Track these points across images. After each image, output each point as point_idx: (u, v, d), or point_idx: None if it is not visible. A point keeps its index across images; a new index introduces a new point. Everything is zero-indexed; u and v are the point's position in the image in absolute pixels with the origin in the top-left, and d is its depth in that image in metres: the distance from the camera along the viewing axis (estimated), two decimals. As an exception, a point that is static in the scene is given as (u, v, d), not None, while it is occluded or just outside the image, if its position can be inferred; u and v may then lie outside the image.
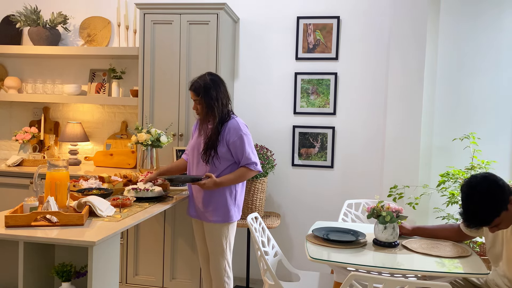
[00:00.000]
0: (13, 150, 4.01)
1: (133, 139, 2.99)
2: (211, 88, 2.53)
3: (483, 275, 1.92)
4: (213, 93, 2.53)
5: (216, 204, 2.58)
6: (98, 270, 1.91)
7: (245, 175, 2.58)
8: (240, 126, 2.57)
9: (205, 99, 2.53)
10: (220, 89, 2.56)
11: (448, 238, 2.31)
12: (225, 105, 2.59)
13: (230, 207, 2.59)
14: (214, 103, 2.53)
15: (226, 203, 2.58)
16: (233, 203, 2.61)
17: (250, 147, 2.58)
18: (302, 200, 3.57)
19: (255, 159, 2.58)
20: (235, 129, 2.55)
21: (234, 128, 2.56)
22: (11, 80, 3.82)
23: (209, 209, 2.59)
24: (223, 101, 2.58)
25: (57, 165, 2.17)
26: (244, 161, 2.55)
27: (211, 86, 2.53)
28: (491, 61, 3.25)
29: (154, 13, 3.24)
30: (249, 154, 2.56)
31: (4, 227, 1.91)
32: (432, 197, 3.18)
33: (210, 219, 2.59)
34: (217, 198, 2.57)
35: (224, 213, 2.58)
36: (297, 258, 3.57)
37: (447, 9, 3.29)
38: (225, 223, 2.60)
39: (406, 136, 3.25)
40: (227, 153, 2.55)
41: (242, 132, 2.55)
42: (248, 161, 2.55)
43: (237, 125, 2.57)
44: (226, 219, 2.59)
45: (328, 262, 2.07)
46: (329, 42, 3.46)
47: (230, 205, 2.59)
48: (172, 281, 3.17)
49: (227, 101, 2.61)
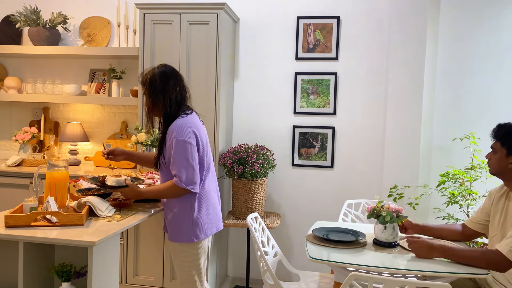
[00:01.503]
0: (13, 150, 4.01)
1: (133, 139, 2.99)
2: (157, 80, 2.22)
3: (483, 275, 1.92)
4: (159, 86, 2.21)
5: (175, 220, 2.26)
6: (98, 270, 1.91)
7: (171, 190, 2.19)
8: (177, 128, 2.18)
9: (149, 92, 2.24)
10: (168, 83, 2.23)
11: (449, 237, 2.31)
12: (173, 101, 2.24)
13: (189, 225, 2.24)
14: (159, 96, 2.22)
15: (184, 220, 2.24)
16: (191, 220, 2.24)
17: (182, 157, 2.15)
18: (302, 200, 3.57)
19: (182, 174, 2.15)
20: (171, 131, 2.19)
21: (171, 129, 2.20)
22: (11, 80, 3.82)
23: (170, 225, 2.29)
24: (171, 96, 2.23)
25: (57, 165, 2.17)
26: (172, 172, 2.19)
27: (157, 78, 2.23)
28: (491, 61, 3.25)
29: (154, 13, 3.24)
30: (177, 165, 2.15)
31: (4, 227, 1.91)
32: (432, 197, 3.18)
33: (170, 237, 2.30)
34: (177, 213, 2.26)
35: (183, 231, 2.25)
36: (297, 258, 3.57)
37: (447, 9, 3.29)
38: (185, 243, 2.27)
39: (406, 136, 3.25)
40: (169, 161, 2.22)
41: (175, 136, 2.16)
42: (174, 172, 2.17)
43: (175, 127, 2.19)
44: (186, 238, 2.25)
45: (328, 262, 2.07)
46: (329, 42, 3.46)
47: (188, 222, 2.24)
48: (172, 281, 3.17)
49: (178, 97, 2.26)
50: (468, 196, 2.92)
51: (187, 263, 2.30)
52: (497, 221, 2.13)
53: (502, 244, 1.93)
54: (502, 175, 2.12)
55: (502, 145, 2.08)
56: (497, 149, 2.10)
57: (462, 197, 2.92)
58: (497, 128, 2.14)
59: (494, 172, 2.13)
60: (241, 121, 3.61)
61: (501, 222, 2.10)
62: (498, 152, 2.09)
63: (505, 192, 2.15)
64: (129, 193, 2.26)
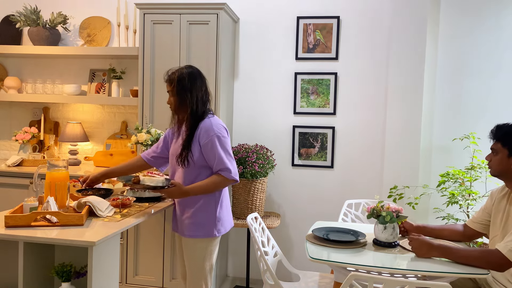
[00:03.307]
0: (13, 150, 4.01)
1: (133, 139, 2.99)
2: (185, 79, 2.29)
3: (483, 275, 1.92)
4: (187, 84, 2.28)
5: (197, 216, 2.30)
6: (98, 270, 1.90)
7: (218, 183, 2.27)
8: (213, 126, 2.27)
9: (177, 89, 2.29)
10: (195, 83, 2.31)
11: (450, 238, 2.31)
12: (200, 101, 2.31)
13: (212, 220, 2.32)
14: (187, 94, 2.28)
15: (208, 214, 2.31)
16: (214, 215, 2.32)
17: (225, 151, 2.27)
18: (302, 200, 3.57)
19: (230, 166, 2.26)
20: (207, 130, 2.26)
21: (206, 128, 2.27)
22: (11, 80, 3.82)
23: (189, 222, 2.32)
24: (198, 96, 2.30)
25: (57, 165, 2.17)
26: (216, 167, 2.26)
27: (185, 77, 2.29)
28: (491, 61, 3.25)
29: (154, 13, 3.24)
30: (222, 159, 2.24)
31: (4, 227, 1.91)
32: (432, 197, 3.18)
33: (189, 234, 2.32)
34: (200, 208, 2.31)
35: (205, 226, 2.31)
36: (297, 258, 3.57)
37: (447, 9, 3.29)
38: (205, 238, 2.32)
39: (406, 136, 3.25)
40: (201, 157, 2.28)
41: (214, 133, 2.26)
42: (221, 167, 2.25)
43: (209, 125, 2.27)
44: (207, 233, 2.31)
45: (328, 262, 2.07)
46: (329, 42, 3.46)
47: (212, 217, 2.32)
48: (172, 281, 3.17)
49: (204, 98, 2.33)
50: (468, 196, 2.92)
51: (203, 258, 2.33)
52: (499, 221, 2.13)
53: (502, 244, 1.93)
54: (503, 176, 2.11)
55: (503, 146, 2.07)
56: (498, 150, 2.09)
57: (462, 197, 2.92)
58: (496, 129, 2.13)
59: (496, 174, 2.13)
60: (241, 121, 3.61)
61: (503, 223, 2.10)
62: (499, 153, 2.08)
63: (506, 193, 2.15)
64: (174, 192, 2.23)
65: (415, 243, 2.10)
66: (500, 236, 2.10)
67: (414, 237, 2.13)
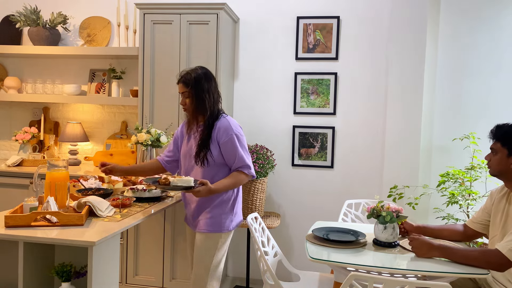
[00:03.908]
0: (13, 150, 4.01)
1: (133, 139, 2.99)
2: (202, 80, 2.32)
3: (483, 275, 1.92)
4: (204, 85, 2.32)
5: (215, 210, 2.37)
6: (98, 270, 1.91)
7: (240, 180, 2.35)
8: (231, 125, 2.34)
9: (196, 91, 2.31)
10: (211, 83, 2.36)
11: (450, 238, 2.31)
12: (215, 102, 2.37)
13: (229, 214, 2.40)
14: (205, 95, 2.31)
15: (225, 209, 2.38)
16: (232, 209, 2.41)
17: (243, 149, 2.35)
18: (302, 200, 3.57)
19: (249, 162, 2.36)
20: (226, 129, 2.32)
21: (224, 127, 2.32)
22: (11, 80, 3.82)
23: (205, 217, 2.37)
24: (214, 97, 2.36)
25: (57, 165, 2.17)
26: (236, 164, 2.33)
27: (202, 77, 2.33)
28: (491, 61, 3.25)
29: (154, 13, 3.24)
30: (242, 157, 2.33)
31: (4, 227, 1.91)
32: (432, 197, 3.18)
33: (202, 228, 2.36)
34: (219, 203, 2.37)
35: (221, 220, 2.37)
36: (297, 258, 3.57)
37: (447, 9, 3.29)
38: (218, 232, 2.37)
39: (406, 136, 3.25)
40: (219, 156, 2.33)
41: (233, 132, 2.33)
42: (242, 164, 2.33)
43: (227, 125, 2.33)
44: (219, 228, 2.37)
45: (328, 262, 2.07)
46: (329, 42, 3.46)
47: (229, 211, 2.40)
48: (172, 281, 3.17)
49: (218, 98, 2.39)
50: (468, 196, 2.92)
51: (219, 252, 2.38)
52: (498, 221, 2.13)
53: (501, 243, 1.93)
54: (503, 176, 2.11)
55: (502, 146, 2.07)
56: (497, 150, 2.09)
57: (462, 197, 2.92)
58: (495, 128, 2.13)
59: (495, 173, 2.13)
60: (241, 121, 3.61)
61: (502, 222, 2.10)
62: (498, 153, 2.09)
63: (506, 193, 2.15)
64: (203, 191, 2.24)
65: (415, 243, 2.10)
66: (499, 236, 2.10)
67: (414, 237, 2.13)
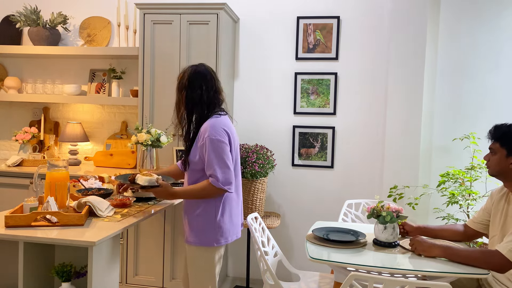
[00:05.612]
0: (13, 150, 4.01)
1: (133, 139, 2.99)
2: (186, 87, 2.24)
3: (483, 275, 1.92)
4: (188, 92, 2.22)
5: (196, 223, 2.19)
6: (98, 270, 1.91)
7: (207, 190, 2.12)
8: (210, 128, 2.12)
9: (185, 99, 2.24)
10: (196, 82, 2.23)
11: (450, 238, 2.31)
12: (206, 102, 2.22)
13: (211, 229, 2.18)
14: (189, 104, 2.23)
15: (206, 222, 2.18)
16: (213, 224, 2.18)
17: (217, 156, 2.10)
18: (302, 200, 3.57)
19: (218, 173, 2.08)
20: (204, 131, 2.14)
21: (204, 129, 2.15)
22: (11, 80, 3.82)
23: (189, 227, 2.23)
24: (204, 98, 2.21)
25: (57, 165, 2.17)
26: (207, 172, 2.12)
27: (186, 85, 2.24)
28: (491, 61, 3.25)
29: (154, 13, 3.24)
30: (211, 164, 2.09)
31: (4, 227, 1.91)
32: (432, 197, 3.18)
33: (189, 240, 2.22)
34: (200, 215, 2.19)
35: (205, 234, 2.18)
36: (297, 258, 3.57)
37: (447, 9, 3.29)
38: (203, 246, 2.19)
39: (406, 136, 3.25)
40: (200, 161, 2.17)
41: (209, 135, 2.11)
42: (210, 172, 2.10)
43: (207, 127, 2.13)
44: (206, 242, 2.19)
45: (328, 262, 2.07)
46: (329, 42, 3.46)
47: (211, 226, 2.18)
48: (172, 281, 3.17)
49: (213, 96, 2.24)
50: (468, 196, 2.92)
51: (203, 267, 2.21)
52: (498, 221, 2.13)
53: (502, 244, 1.93)
54: (502, 176, 2.11)
55: (501, 146, 2.07)
56: (496, 150, 2.09)
57: (462, 197, 2.92)
58: (494, 129, 2.13)
59: (494, 173, 2.13)
60: (241, 121, 3.61)
61: (501, 222, 2.10)
62: (497, 153, 2.09)
63: (505, 194, 2.15)
64: (161, 193, 2.17)
65: (416, 244, 2.11)
66: (499, 236, 2.10)
67: (414, 238, 2.14)
